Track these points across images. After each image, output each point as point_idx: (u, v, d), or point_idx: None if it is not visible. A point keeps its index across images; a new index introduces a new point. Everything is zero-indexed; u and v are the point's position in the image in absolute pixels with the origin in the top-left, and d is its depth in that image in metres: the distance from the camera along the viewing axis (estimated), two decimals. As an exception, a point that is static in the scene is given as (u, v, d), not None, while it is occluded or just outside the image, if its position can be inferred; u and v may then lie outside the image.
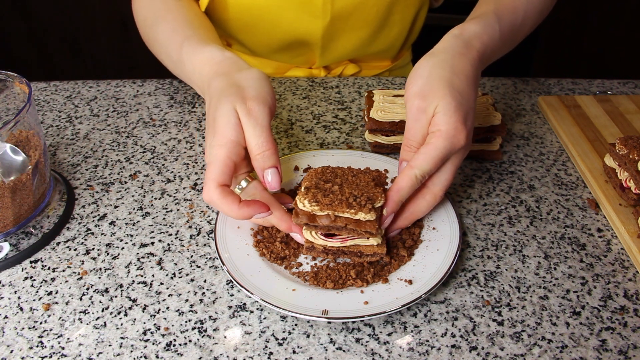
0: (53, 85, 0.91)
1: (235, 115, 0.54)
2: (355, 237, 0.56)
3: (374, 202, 0.54)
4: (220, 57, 0.61)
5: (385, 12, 0.87)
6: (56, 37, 2.22)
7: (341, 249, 0.57)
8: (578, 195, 0.70)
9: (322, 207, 0.53)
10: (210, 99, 0.57)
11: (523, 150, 0.77)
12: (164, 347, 0.52)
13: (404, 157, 0.57)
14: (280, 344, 0.52)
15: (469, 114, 0.56)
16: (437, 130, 0.54)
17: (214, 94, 0.57)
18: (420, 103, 0.55)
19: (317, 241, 0.56)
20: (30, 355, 0.51)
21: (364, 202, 0.53)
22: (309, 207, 0.54)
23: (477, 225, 0.66)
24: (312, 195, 0.54)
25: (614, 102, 0.84)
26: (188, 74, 0.66)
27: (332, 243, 0.56)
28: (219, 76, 0.58)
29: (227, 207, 0.53)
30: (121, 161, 0.75)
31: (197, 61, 0.63)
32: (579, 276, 0.59)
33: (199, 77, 0.62)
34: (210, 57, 0.61)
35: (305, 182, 0.57)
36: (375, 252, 0.56)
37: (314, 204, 0.53)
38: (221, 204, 0.53)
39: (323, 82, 0.92)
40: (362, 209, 0.53)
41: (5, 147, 0.60)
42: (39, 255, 0.61)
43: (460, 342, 0.53)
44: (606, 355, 0.52)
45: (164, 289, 0.58)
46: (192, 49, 0.64)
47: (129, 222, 0.66)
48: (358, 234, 0.55)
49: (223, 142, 0.53)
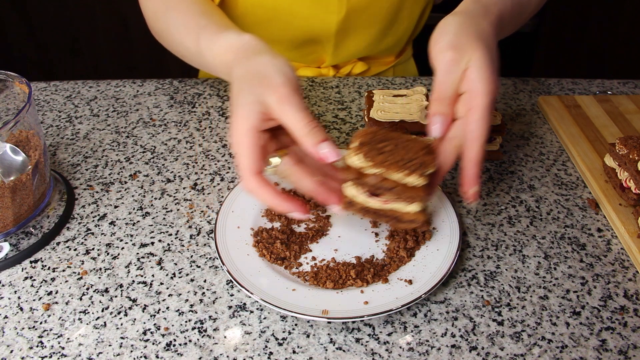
0: (53, 85, 0.91)
1: (257, 104, 0.52)
2: (398, 200, 0.54)
3: (425, 168, 0.52)
4: (239, 43, 0.60)
5: (397, 7, 0.88)
6: (56, 37, 2.22)
7: (380, 211, 0.55)
8: (578, 195, 0.70)
9: (374, 164, 0.52)
10: (233, 87, 0.56)
11: (523, 150, 0.77)
12: (164, 347, 0.52)
13: (437, 111, 0.54)
14: (280, 344, 0.53)
15: (497, 71, 0.55)
16: (476, 89, 0.52)
17: (236, 82, 0.56)
18: (454, 55, 0.53)
19: (359, 198, 0.54)
20: (30, 355, 0.51)
21: (417, 166, 0.52)
22: (360, 163, 0.52)
23: (477, 225, 0.66)
24: (366, 152, 0.52)
25: (614, 102, 0.84)
26: (209, 64, 0.65)
27: (374, 203, 0.54)
28: (240, 63, 0.57)
29: (268, 196, 0.52)
30: (121, 161, 0.75)
31: (217, 50, 0.62)
32: (579, 276, 0.59)
33: (221, 65, 0.61)
34: (229, 45, 0.61)
35: (359, 138, 0.54)
36: (415, 219, 0.54)
37: (367, 160, 0.52)
38: (262, 193, 0.52)
39: (323, 82, 0.92)
40: (414, 172, 0.51)
41: (5, 147, 0.60)
42: (39, 255, 0.61)
43: (460, 342, 0.53)
44: (606, 355, 0.52)
45: (164, 289, 0.58)
46: (210, 39, 0.64)
47: (129, 222, 0.66)
48: (403, 198, 0.53)
49: (248, 130, 0.52)
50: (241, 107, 0.53)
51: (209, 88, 0.90)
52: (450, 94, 0.54)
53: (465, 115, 0.53)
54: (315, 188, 0.55)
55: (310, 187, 0.55)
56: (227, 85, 0.91)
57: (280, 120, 0.52)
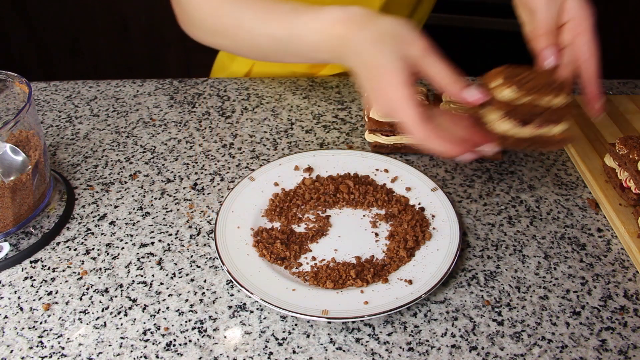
0: (53, 85, 0.91)
1: (402, 60, 0.54)
2: (549, 123, 0.57)
3: (567, 87, 0.56)
4: (347, 15, 0.60)
5: None
6: (56, 37, 2.22)
7: (533, 138, 0.57)
8: (578, 195, 0.70)
9: (526, 92, 0.55)
10: (361, 53, 0.57)
11: (523, 150, 0.77)
12: (164, 347, 0.52)
13: (547, 43, 0.59)
14: (280, 344, 0.53)
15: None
16: (579, 15, 0.59)
17: (366, 47, 0.56)
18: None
19: (512, 131, 0.56)
20: (30, 355, 0.51)
21: (561, 87, 0.56)
22: (512, 94, 0.55)
23: (477, 225, 0.66)
24: (516, 84, 0.55)
25: (614, 102, 0.84)
26: (308, 44, 0.64)
27: (527, 131, 0.57)
28: (363, 29, 0.58)
29: (442, 142, 0.53)
30: (121, 161, 0.75)
31: (321, 26, 0.62)
32: (579, 276, 0.59)
33: (327, 40, 0.61)
34: (336, 18, 0.61)
35: (499, 76, 0.57)
36: (564, 137, 0.58)
37: (520, 90, 0.55)
38: (435, 139, 0.53)
39: (323, 82, 0.92)
40: (561, 92, 0.55)
41: (5, 147, 0.60)
42: (39, 255, 0.61)
43: (460, 342, 0.53)
44: (606, 355, 0.52)
45: (164, 289, 0.58)
46: (307, 17, 0.63)
47: (129, 222, 0.66)
48: (553, 120, 0.56)
49: (403, 83, 0.53)
50: (387, 66, 0.54)
51: (209, 88, 0.90)
52: (554, 26, 0.59)
53: (573, 42, 0.59)
54: (469, 131, 0.57)
55: (464, 131, 0.56)
56: (227, 85, 0.91)
57: (425, 71, 0.55)
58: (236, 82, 0.92)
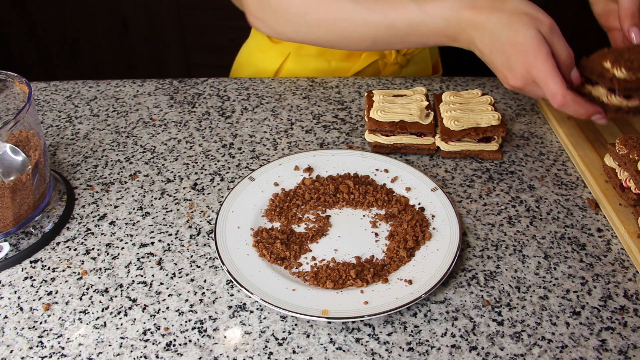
0: (53, 85, 0.91)
1: (540, 34, 0.60)
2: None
3: None
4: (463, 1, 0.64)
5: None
6: (56, 37, 2.22)
7: None
8: (578, 195, 0.70)
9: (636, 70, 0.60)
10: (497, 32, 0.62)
11: (523, 150, 0.77)
12: (164, 347, 0.52)
13: (633, 23, 0.65)
14: (280, 344, 0.53)
15: None
16: None
17: (499, 26, 0.62)
18: None
19: (623, 103, 0.63)
20: (30, 355, 0.51)
21: None
22: (626, 75, 0.60)
23: (477, 225, 0.66)
24: (624, 64, 0.60)
25: (614, 102, 0.84)
26: (432, 30, 0.66)
27: (634, 102, 0.63)
28: (495, 11, 0.62)
29: (581, 106, 0.62)
30: (121, 161, 0.75)
31: (447, 13, 0.65)
32: (579, 276, 0.59)
33: (456, 25, 0.65)
34: (461, 4, 0.64)
35: (607, 57, 0.62)
36: None
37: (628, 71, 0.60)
38: (575, 104, 0.61)
39: (323, 82, 0.92)
40: None
41: (5, 147, 0.60)
42: (39, 255, 0.61)
43: (460, 342, 0.53)
44: (606, 355, 0.52)
45: (164, 289, 0.58)
46: (430, 7, 0.65)
47: (129, 222, 0.66)
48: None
49: (547, 54, 0.60)
50: (529, 42, 0.60)
51: (209, 88, 0.90)
52: (637, 8, 0.65)
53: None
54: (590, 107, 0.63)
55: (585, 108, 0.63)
56: (227, 85, 0.91)
57: (553, 45, 0.61)
58: (236, 82, 0.92)
